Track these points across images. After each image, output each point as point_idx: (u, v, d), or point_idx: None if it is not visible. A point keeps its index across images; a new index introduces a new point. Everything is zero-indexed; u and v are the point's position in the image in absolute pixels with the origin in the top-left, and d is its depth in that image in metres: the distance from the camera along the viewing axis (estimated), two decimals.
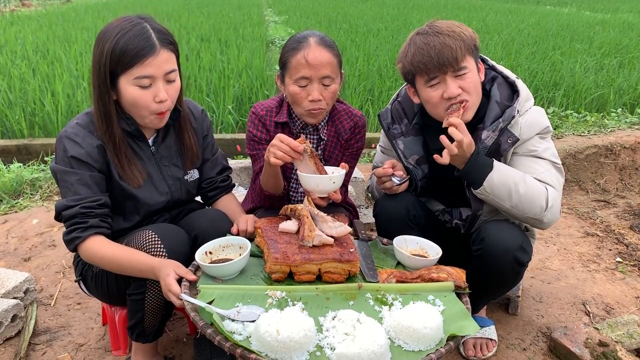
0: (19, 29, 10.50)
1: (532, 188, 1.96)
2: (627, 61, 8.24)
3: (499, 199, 1.97)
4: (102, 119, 1.84)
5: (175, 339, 2.36)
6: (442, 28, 1.97)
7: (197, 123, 2.15)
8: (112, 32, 1.76)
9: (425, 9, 16.64)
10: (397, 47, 8.96)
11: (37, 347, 2.30)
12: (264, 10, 17.06)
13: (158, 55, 1.77)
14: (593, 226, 3.60)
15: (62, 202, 1.82)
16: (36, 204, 3.68)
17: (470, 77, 1.98)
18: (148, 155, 2.00)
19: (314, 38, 2.12)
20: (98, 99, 1.82)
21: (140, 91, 1.79)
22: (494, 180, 1.94)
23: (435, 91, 1.99)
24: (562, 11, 17.68)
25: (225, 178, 2.28)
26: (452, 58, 1.92)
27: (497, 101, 2.07)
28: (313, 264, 1.74)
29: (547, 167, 2.04)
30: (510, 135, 2.01)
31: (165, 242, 1.82)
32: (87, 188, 1.82)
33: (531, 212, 1.97)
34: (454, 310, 1.69)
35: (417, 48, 1.98)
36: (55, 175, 1.86)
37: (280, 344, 1.43)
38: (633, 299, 2.74)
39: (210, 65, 7.30)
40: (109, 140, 1.86)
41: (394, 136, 2.25)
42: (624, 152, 4.46)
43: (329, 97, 2.15)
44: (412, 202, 2.21)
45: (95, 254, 1.81)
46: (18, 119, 5.45)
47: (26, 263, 2.96)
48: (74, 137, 1.83)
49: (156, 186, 2.00)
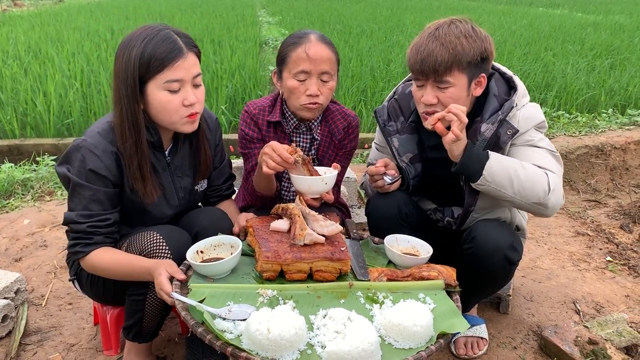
0: (11, 28, 10.43)
1: (531, 173, 1.93)
2: (619, 62, 8.30)
3: (501, 186, 1.92)
4: (131, 129, 1.79)
5: (167, 339, 2.35)
6: (444, 34, 1.92)
7: (211, 133, 2.15)
8: (137, 39, 1.75)
9: (419, 10, 16.69)
10: (390, 48, 8.99)
11: (28, 347, 2.29)
12: (257, 10, 17.04)
13: (187, 59, 1.78)
14: (584, 226, 3.62)
15: (72, 216, 1.81)
16: (27, 204, 3.67)
17: (452, 92, 1.95)
18: (163, 165, 1.98)
19: (314, 35, 2.15)
20: (126, 109, 1.77)
21: (169, 95, 1.78)
22: (492, 168, 1.91)
23: (418, 91, 2.03)
24: (554, 13, 17.77)
25: (230, 186, 2.30)
26: (433, 69, 1.91)
27: (495, 95, 2.07)
28: (304, 262, 1.75)
29: (545, 155, 2.03)
30: (510, 127, 2.01)
31: (171, 244, 1.83)
32: (99, 204, 1.81)
33: (534, 196, 1.92)
34: (444, 308, 1.70)
35: (415, 44, 1.98)
36: (67, 181, 1.82)
37: (271, 342, 1.43)
38: (623, 297, 2.76)
39: (203, 66, 7.30)
40: (135, 153, 1.82)
41: (389, 133, 2.26)
42: (615, 153, 4.49)
43: (326, 93, 2.16)
44: (404, 200, 2.21)
45: (97, 267, 1.83)
46: (9, 119, 5.43)
47: (17, 263, 2.95)
48: (94, 150, 1.79)
49: (167, 199, 2.00)
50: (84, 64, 6.92)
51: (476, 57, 1.93)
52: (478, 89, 2.03)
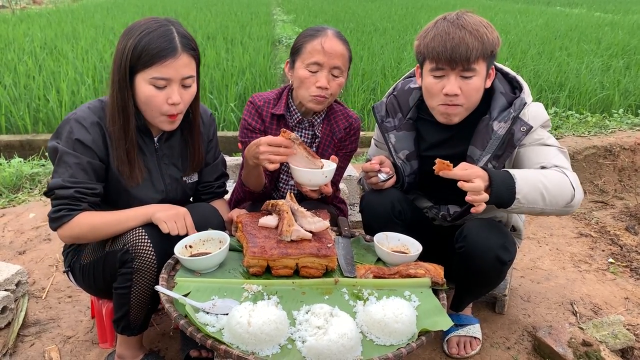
0: (29, 25, 10.61)
1: (555, 180, 1.89)
2: (634, 62, 8.18)
3: (534, 203, 1.85)
4: (120, 113, 1.84)
5: (161, 333, 2.38)
6: (469, 23, 1.92)
7: (205, 127, 2.16)
8: (137, 30, 1.78)
9: (434, 8, 16.59)
10: (403, 47, 8.97)
11: (26, 338, 2.33)
12: (272, 9, 17.10)
13: (178, 59, 1.79)
14: (587, 227, 3.58)
15: (58, 181, 1.81)
16: (34, 199, 3.73)
17: (475, 82, 1.96)
18: (151, 150, 2.01)
19: (331, 30, 2.21)
20: (117, 93, 1.82)
21: (154, 91, 1.80)
22: (523, 190, 1.82)
23: (437, 83, 1.98)
24: (572, 12, 17.56)
25: (222, 184, 2.30)
26: (465, 57, 1.89)
27: (502, 92, 2.06)
28: (290, 258, 1.76)
29: (557, 153, 2.02)
30: (523, 124, 2.00)
31: (152, 238, 1.83)
32: (85, 174, 1.84)
33: (564, 201, 1.89)
34: (429, 306, 1.70)
35: (437, 33, 1.94)
36: (55, 153, 1.85)
37: (251, 335, 1.44)
38: (621, 299, 2.73)
39: (214, 63, 7.34)
40: (123, 136, 1.86)
41: (386, 129, 2.26)
42: (624, 153, 4.43)
43: (335, 88, 2.20)
44: (397, 197, 2.21)
45: (83, 226, 1.81)
46: (22, 114, 5.52)
47: (20, 256, 3.00)
48: (83, 121, 1.84)
49: (153, 183, 2.02)
50: (97, 60, 7.01)
51: (495, 47, 1.96)
52: (488, 81, 2.04)
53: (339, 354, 1.44)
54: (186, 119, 2.02)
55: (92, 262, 1.96)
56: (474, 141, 2.09)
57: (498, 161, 2.06)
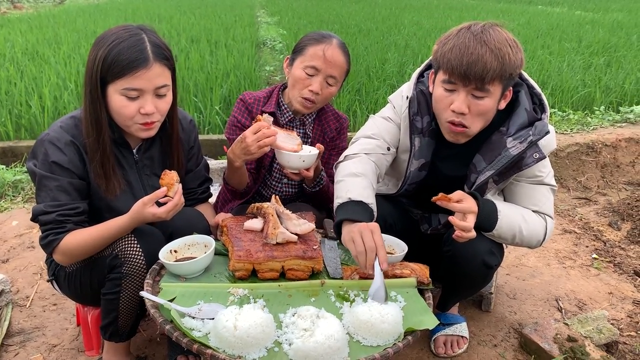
0: (9, 31, 10.47)
1: (532, 227, 1.97)
2: (615, 60, 8.28)
3: (503, 239, 1.99)
4: (93, 125, 1.81)
5: (148, 339, 2.36)
6: (492, 39, 1.75)
7: (185, 134, 2.14)
8: (108, 39, 1.75)
9: (417, 9, 16.66)
10: (387, 47, 8.99)
11: (10, 348, 2.30)
12: (256, 11, 17.05)
13: (150, 69, 1.76)
14: (572, 223, 3.62)
15: (40, 207, 1.81)
16: (17, 206, 3.69)
17: (486, 103, 1.81)
18: (130, 163, 1.99)
19: (337, 40, 2.26)
20: (89, 104, 1.79)
21: (126, 101, 1.77)
22: (502, 227, 1.92)
23: (447, 97, 1.85)
24: (553, 11, 17.73)
25: (205, 190, 2.29)
26: (480, 76, 1.74)
27: (526, 109, 1.92)
28: (276, 261, 1.76)
29: (548, 196, 2.03)
30: (538, 151, 1.90)
31: (142, 243, 1.83)
32: (66, 194, 1.81)
33: (527, 244, 2.02)
34: (415, 305, 1.71)
35: (457, 45, 1.78)
36: (34, 177, 1.84)
37: (237, 339, 1.44)
38: (606, 294, 2.77)
39: (198, 66, 7.31)
40: (97, 148, 1.83)
41: (414, 130, 2.05)
42: (605, 150, 4.49)
43: (326, 95, 2.25)
44: (389, 212, 2.18)
45: (73, 246, 1.80)
46: (4, 121, 5.45)
47: (4, 265, 2.97)
48: (57, 142, 1.81)
49: (135, 195, 1.98)
50: (80, 65, 6.94)
51: (517, 69, 1.81)
52: (503, 103, 1.90)
53: (325, 355, 1.44)
54: (164, 128, 1.99)
55: (79, 269, 1.95)
56: (482, 151, 1.98)
57: (499, 178, 1.99)
